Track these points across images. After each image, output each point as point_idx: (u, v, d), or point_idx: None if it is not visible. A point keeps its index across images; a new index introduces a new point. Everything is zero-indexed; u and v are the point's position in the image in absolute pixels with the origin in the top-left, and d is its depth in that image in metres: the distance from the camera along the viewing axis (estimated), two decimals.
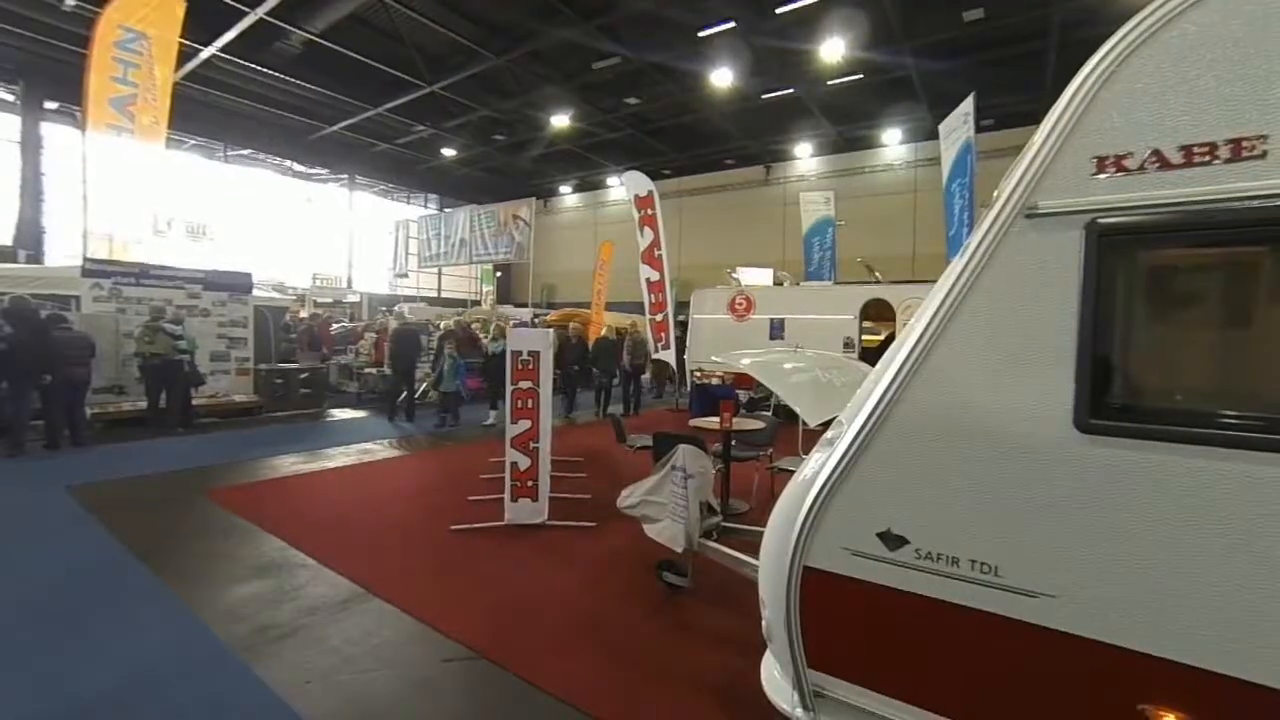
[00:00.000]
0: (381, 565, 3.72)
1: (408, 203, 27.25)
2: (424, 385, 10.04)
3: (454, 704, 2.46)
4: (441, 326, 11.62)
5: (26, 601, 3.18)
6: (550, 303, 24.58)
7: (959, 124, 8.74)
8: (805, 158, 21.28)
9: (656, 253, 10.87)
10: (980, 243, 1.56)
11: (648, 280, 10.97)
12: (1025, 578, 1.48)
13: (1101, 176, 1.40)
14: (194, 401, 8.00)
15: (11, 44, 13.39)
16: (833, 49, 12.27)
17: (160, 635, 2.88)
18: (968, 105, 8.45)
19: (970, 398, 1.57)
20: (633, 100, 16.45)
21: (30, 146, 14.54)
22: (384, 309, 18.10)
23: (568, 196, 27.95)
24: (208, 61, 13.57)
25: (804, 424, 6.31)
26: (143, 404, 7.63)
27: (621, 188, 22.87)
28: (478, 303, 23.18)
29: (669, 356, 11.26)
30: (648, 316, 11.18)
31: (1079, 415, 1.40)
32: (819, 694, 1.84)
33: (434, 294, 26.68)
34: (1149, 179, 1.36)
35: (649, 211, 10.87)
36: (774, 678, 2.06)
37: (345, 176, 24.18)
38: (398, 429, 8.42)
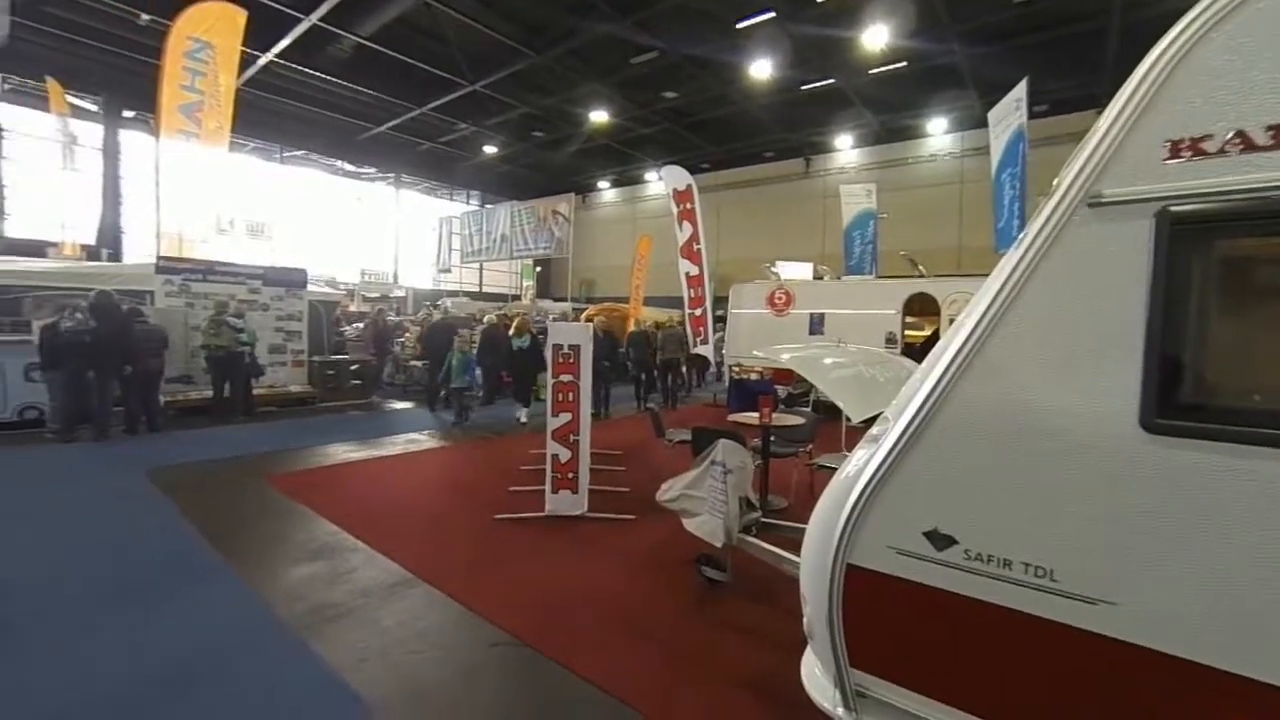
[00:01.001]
0: (428, 551, 3.86)
1: (450, 200, 27.94)
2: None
3: (499, 688, 2.54)
4: (485, 320, 11.89)
5: (112, 576, 3.45)
6: (589, 297, 24.78)
7: (1010, 110, 8.32)
8: (846, 149, 20.71)
9: (695, 247, 10.81)
10: (1038, 233, 1.50)
11: (687, 275, 10.92)
12: (1083, 583, 1.42)
13: (1175, 161, 1.32)
14: (254, 391, 8.46)
15: (95, 58, 14.43)
16: (875, 36, 11.87)
17: (227, 610, 3.07)
18: (1020, 90, 8.04)
19: (1025, 395, 1.51)
20: (670, 94, 16.35)
21: (110, 153, 15.59)
22: (428, 303, 18.64)
23: (606, 192, 28.07)
24: (265, 67, 14.23)
25: (847, 420, 6.19)
26: (209, 393, 8.12)
27: (659, 183, 22.81)
28: (518, 297, 23.59)
29: (708, 351, 11.21)
30: (686, 311, 11.13)
31: (1145, 414, 1.33)
32: (861, 694, 1.82)
33: (476, 289, 27.29)
34: (1230, 163, 1.27)
35: (688, 206, 10.81)
36: (815, 675, 2.04)
37: (392, 175, 24.98)
38: (440, 420, 8.67)
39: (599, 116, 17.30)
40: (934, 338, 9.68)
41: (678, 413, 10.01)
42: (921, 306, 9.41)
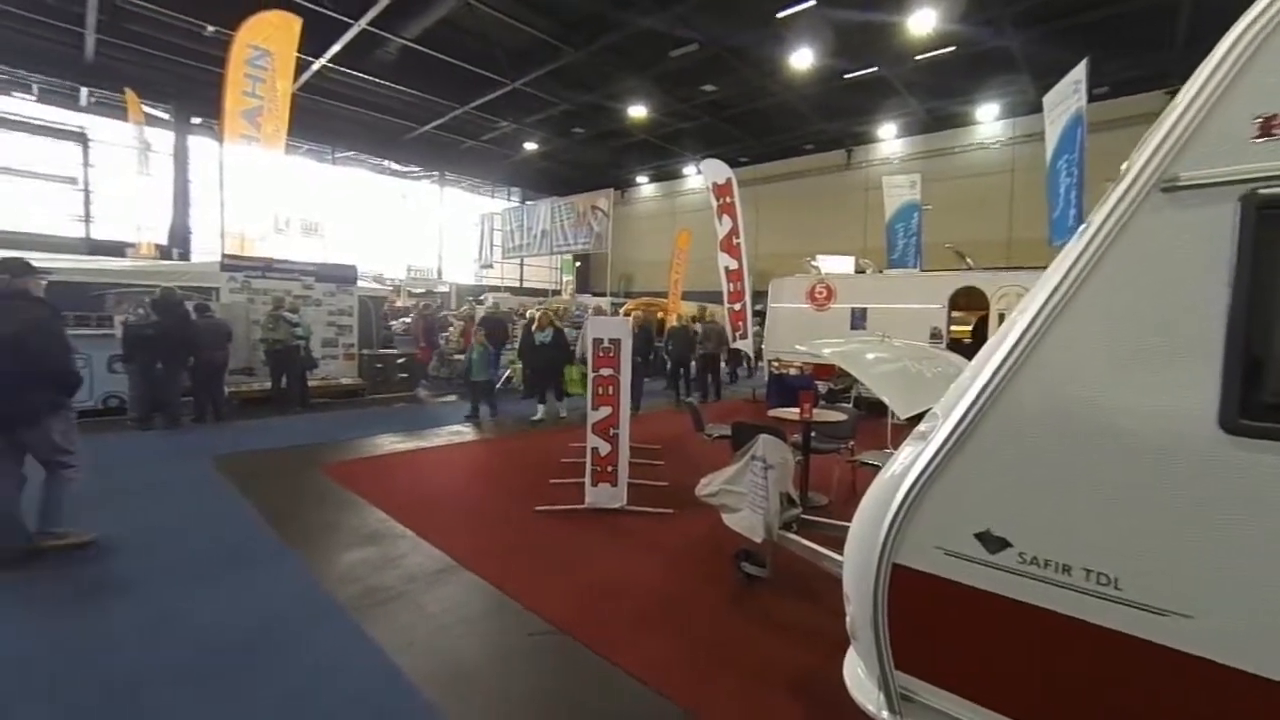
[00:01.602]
0: (472, 540, 3.97)
1: (492, 196, 28.51)
2: (506, 372, 10.55)
3: (539, 675, 2.59)
4: (527, 315, 12.10)
5: (183, 557, 3.69)
6: (628, 292, 24.88)
7: (1068, 94, 7.83)
8: (889, 139, 20.07)
9: (735, 241, 10.70)
10: (1105, 221, 1.41)
11: (726, 269, 10.83)
12: (1152, 593, 1.34)
13: (1265, 140, 1.22)
14: (309, 383, 8.88)
15: (166, 69, 15.42)
16: (922, 21, 11.41)
17: (286, 591, 3.25)
18: (1079, 72, 7.55)
19: (1089, 392, 1.43)
20: (709, 87, 16.18)
21: (180, 158, 16.60)
22: (470, 298, 19.10)
23: (645, 186, 28.06)
24: (318, 72, 14.84)
25: (893, 417, 6.01)
26: (268, 385, 8.57)
27: (698, 177, 22.62)
28: (558, 292, 23.88)
29: (746, 346, 11.10)
30: (725, 305, 11.05)
31: (1226, 414, 1.24)
32: (906, 697, 1.77)
33: (517, 284, 27.78)
34: None
35: (727, 199, 10.70)
36: (858, 676, 2.00)
37: (436, 173, 25.67)
38: (484, 413, 8.85)
39: (638, 111, 17.28)
40: (980, 333, 9.33)
41: (716, 408, 9.95)
42: (968, 301, 9.05)
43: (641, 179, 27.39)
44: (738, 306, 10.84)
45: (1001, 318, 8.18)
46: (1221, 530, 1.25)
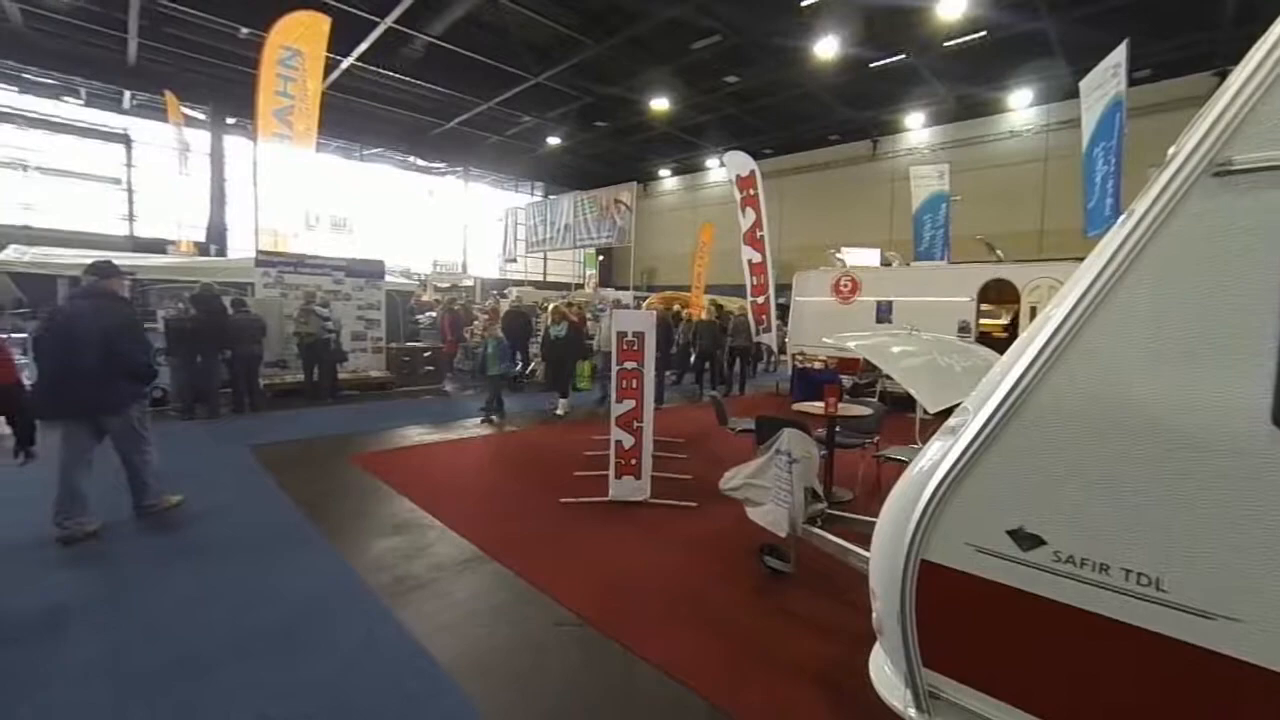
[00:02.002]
0: (497, 531, 4.03)
1: (516, 191, 28.71)
2: (532, 364, 10.65)
3: (564, 665, 2.63)
4: (549, 309, 12.19)
5: (230, 536, 3.84)
6: (650, 285, 24.85)
7: (1106, 78, 7.48)
8: (917, 129, 19.56)
9: (758, 234, 10.58)
10: (1150, 208, 1.36)
11: (749, 262, 10.73)
12: (1198, 595, 1.29)
13: None
14: (339, 376, 9.10)
15: (203, 71, 15.92)
16: (952, 6, 11.06)
17: (320, 577, 3.35)
18: (1119, 55, 7.21)
19: (1130, 387, 1.38)
20: (732, 79, 15.98)
21: (217, 157, 17.13)
22: (494, 292, 19.30)
23: (667, 180, 27.94)
24: (347, 71, 15.11)
25: (923, 412, 5.90)
26: (300, 377, 8.81)
27: (721, 170, 22.42)
28: (581, 286, 23.97)
29: (770, 339, 11.01)
30: (749, 299, 10.96)
31: None
32: (934, 695, 1.75)
33: (540, 278, 27.97)
34: None
35: (751, 192, 10.57)
36: (884, 673, 1.99)
37: (461, 169, 25.96)
38: (508, 405, 8.94)
39: (660, 104, 17.18)
40: (1016, 328, 9.09)
41: (740, 402, 9.90)
42: (998, 294, 8.82)
43: (664, 172, 27.26)
44: (761, 300, 10.73)
45: (1033, 311, 7.95)
46: (1274, 531, 1.20)
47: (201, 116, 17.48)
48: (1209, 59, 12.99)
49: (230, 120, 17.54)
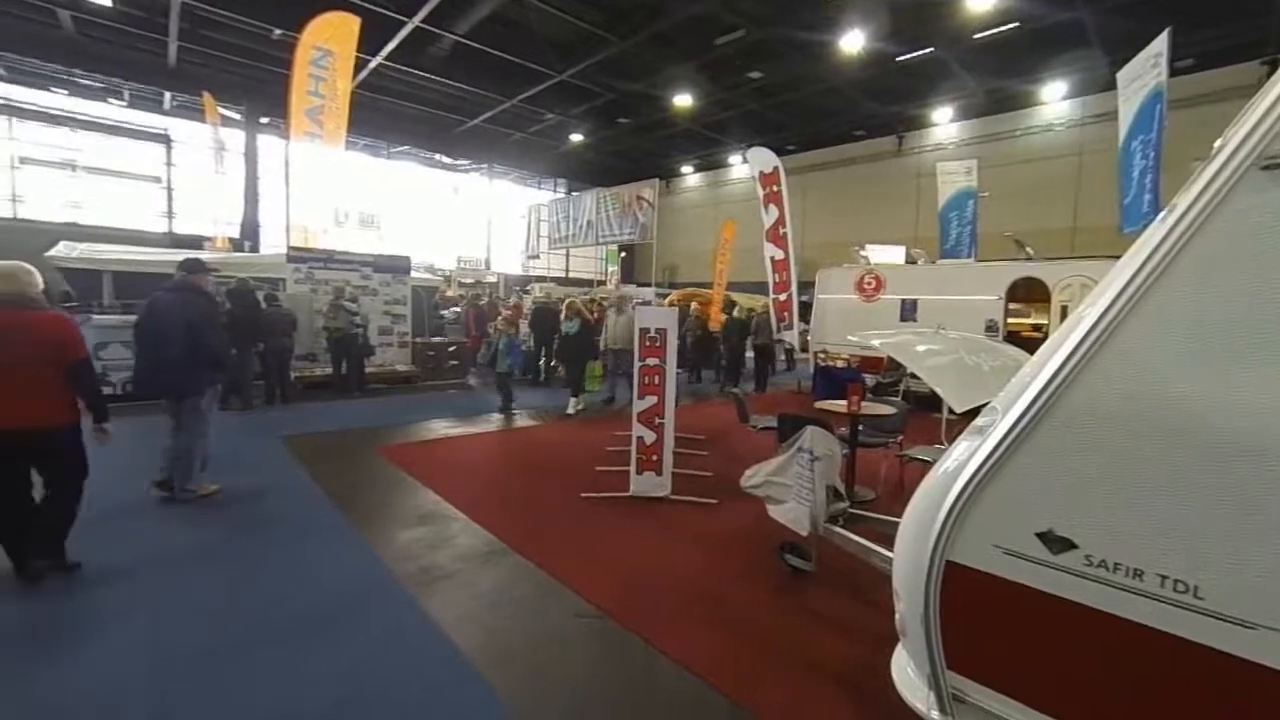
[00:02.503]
0: (520, 524, 4.09)
1: (539, 188, 28.92)
2: (554, 360, 10.74)
3: (584, 656, 2.66)
4: (565, 304, 12.26)
5: (258, 529, 3.98)
6: (672, 282, 24.81)
7: (1146, 68, 7.19)
8: (944, 124, 19.14)
9: (781, 231, 10.49)
10: (1194, 203, 1.31)
11: (772, 259, 10.65)
12: (1238, 604, 1.25)
13: None
14: (366, 370, 9.30)
15: (238, 72, 16.42)
16: None
17: (350, 565, 3.44)
18: (1159, 44, 6.92)
19: (1170, 388, 1.34)
20: (755, 74, 15.84)
21: (250, 156, 17.63)
22: (517, 288, 19.50)
23: (690, 177, 27.83)
24: (375, 70, 15.39)
25: (949, 411, 5.80)
26: (329, 370, 9.03)
27: (743, 166, 22.22)
28: (603, 282, 24.06)
29: (792, 337, 10.93)
30: (771, 296, 10.88)
31: None
32: (958, 698, 1.72)
33: (562, 274, 28.14)
34: None
35: (774, 188, 10.48)
36: (907, 675, 1.96)
37: (485, 166, 26.23)
38: (530, 401, 9.02)
39: (683, 100, 17.11)
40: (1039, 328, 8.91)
41: (761, 399, 9.84)
42: (1028, 292, 8.60)
43: (686, 169, 27.16)
44: (783, 297, 10.65)
45: (1064, 311, 7.74)
46: None
47: (236, 116, 18.01)
48: (1258, 47, 12.42)
49: (263, 120, 18.03)
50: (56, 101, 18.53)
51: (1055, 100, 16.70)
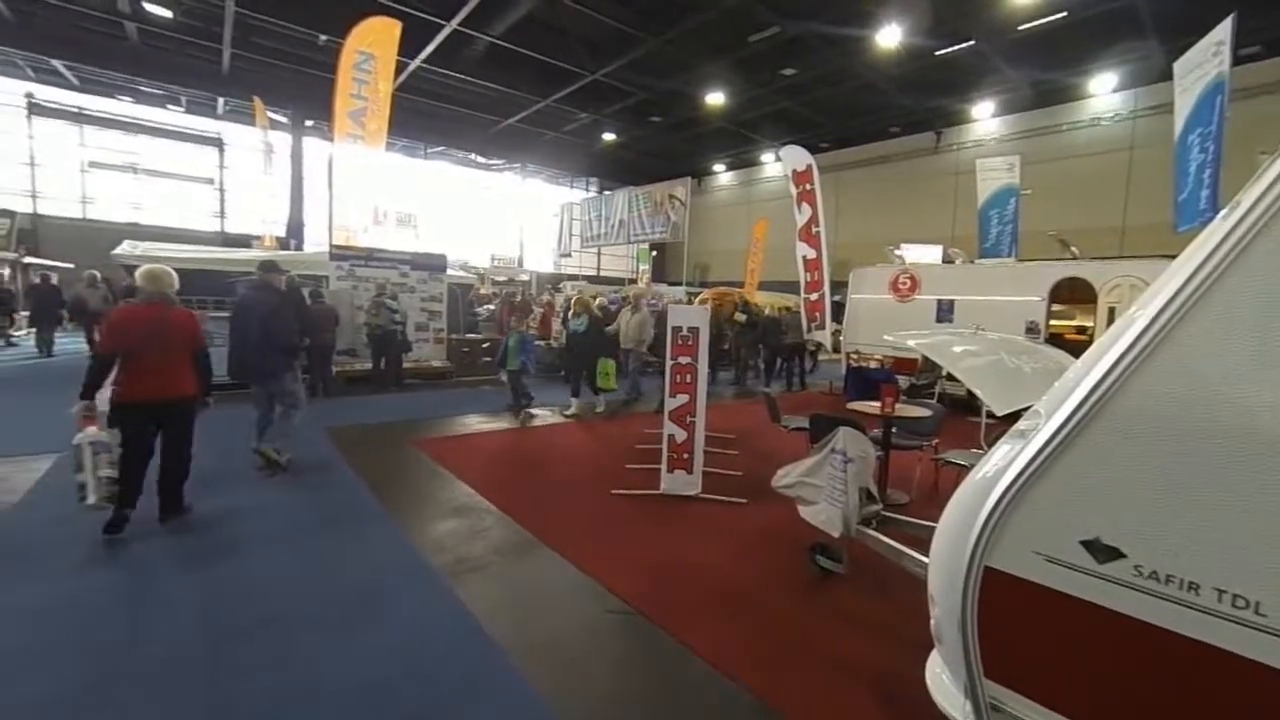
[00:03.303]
0: (552, 518, 4.15)
1: (571, 187, 29.17)
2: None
3: (614, 651, 2.70)
4: (573, 301, 12.29)
5: (305, 515, 4.14)
6: (703, 281, 24.71)
7: (1206, 57, 6.77)
8: (984, 119, 18.50)
9: (814, 229, 10.34)
10: (1260, 199, 1.25)
11: (804, 258, 10.50)
12: None
13: None
14: (404, 365, 9.56)
15: (286, 77, 17.09)
16: None
17: (389, 554, 3.56)
18: (1221, 31, 6.51)
19: (1233, 392, 1.28)
20: (789, 71, 15.60)
21: (296, 158, 18.32)
22: (550, 286, 19.73)
23: (721, 175, 27.65)
24: (413, 72, 15.77)
25: (988, 414, 5.63)
26: (369, 365, 9.32)
27: (776, 164, 21.95)
28: (634, 281, 24.14)
29: (824, 337, 10.77)
30: (802, 295, 10.74)
31: None
32: (996, 708, 1.69)
33: (594, 273, 28.34)
34: None
35: (807, 187, 10.34)
36: (941, 682, 1.93)
37: (518, 165, 26.60)
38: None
39: (715, 98, 17.00)
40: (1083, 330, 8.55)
41: (792, 399, 9.72)
42: (1072, 293, 8.25)
43: (718, 167, 26.98)
44: (815, 297, 10.49)
45: (1111, 313, 7.41)
46: None
47: (284, 119, 18.72)
48: None
49: (308, 122, 18.70)
50: (122, 109, 19.67)
51: (1105, 93, 15.95)
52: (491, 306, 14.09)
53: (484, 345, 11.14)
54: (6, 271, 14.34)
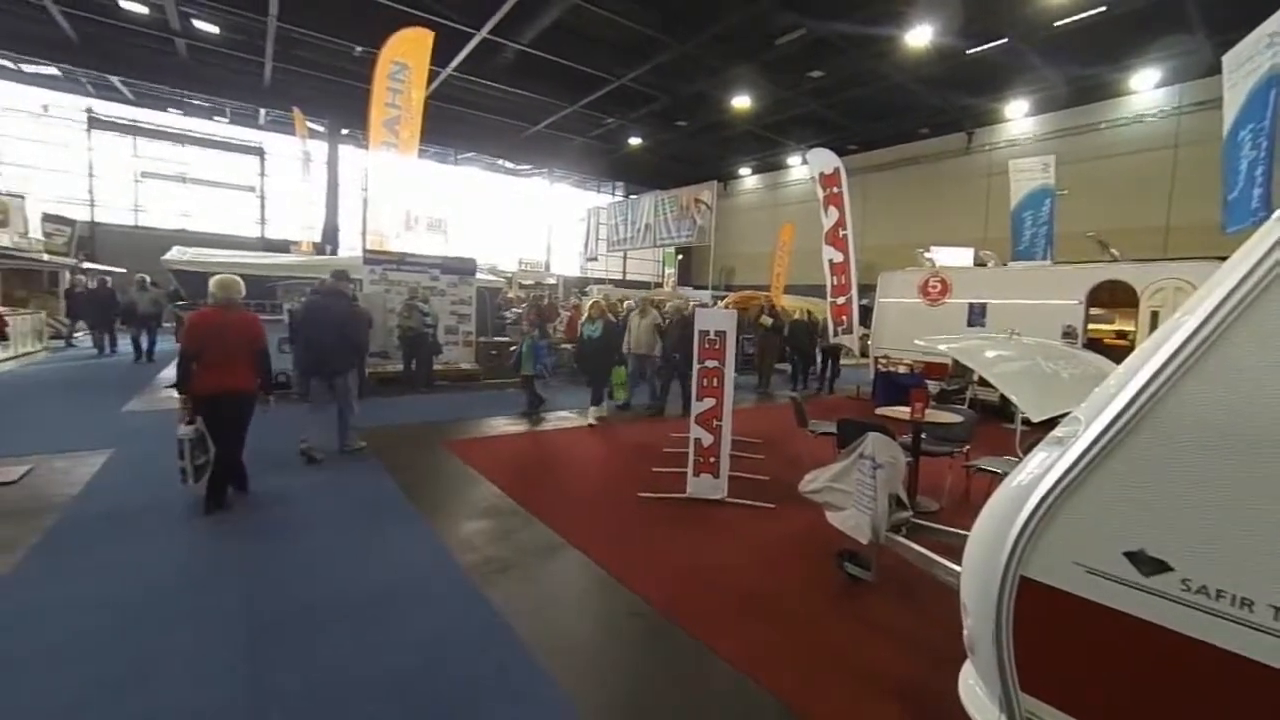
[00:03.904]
0: (579, 520, 4.18)
1: (598, 191, 29.39)
2: None
3: (639, 653, 2.70)
4: (590, 304, 12.32)
5: (338, 512, 4.26)
6: (729, 285, 24.61)
7: (1258, 49, 6.42)
8: (1018, 118, 17.95)
9: (841, 233, 10.23)
10: None
11: (831, 262, 10.40)
12: None
13: None
14: (434, 367, 9.75)
15: (323, 87, 17.70)
16: None
17: (419, 551, 3.64)
18: (1275, 22, 6.15)
19: None
20: (816, 73, 15.44)
21: (332, 165, 18.91)
22: (576, 290, 19.89)
23: (748, 179, 27.52)
24: (444, 80, 16.14)
25: (1024, 421, 5.48)
26: (400, 367, 9.53)
27: (802, 168, 21.75)
28: (660, 284, 24.17)
29: (850, 341, 10.62)
30: (829, 299, 10.62)
31: None
32: None
33: (620, 276, 28.48)
34: None
35: (834, 190, 10.24)
36: (975, 694, 1.88)
37: (546, 170, 26.93)
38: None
39: (741, 101, 16.94)
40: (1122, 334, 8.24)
41: (819, 404, 9.60)
42: (1111, 297, 7.96)
43: (744, 171, 26.86)
44: (841, 301, 10.37)
45: (1154, 316, 7.11)
46: None
47: (320, 129, 19.36)
48: None
49: (344, 131, 19.29)
50: (172, 121, 20.67)
51: (1146, 89, 15.35)
52: (519, 310, 14.26)
53: (511, 348, 11.27)
54: (84, 279, 14.84)
